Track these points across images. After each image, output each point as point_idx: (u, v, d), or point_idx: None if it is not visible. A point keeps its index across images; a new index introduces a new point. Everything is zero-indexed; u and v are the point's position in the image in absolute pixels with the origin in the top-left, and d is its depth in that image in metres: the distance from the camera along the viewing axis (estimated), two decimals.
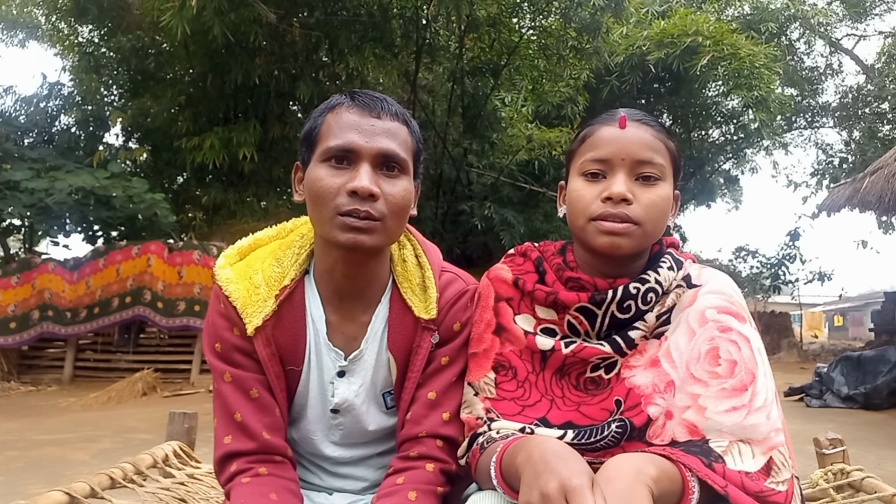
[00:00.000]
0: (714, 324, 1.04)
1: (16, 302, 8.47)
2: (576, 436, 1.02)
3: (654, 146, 1.06)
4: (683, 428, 0.98)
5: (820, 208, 8.03)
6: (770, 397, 0.99)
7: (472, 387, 1.13)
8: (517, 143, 10.99)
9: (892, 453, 4.67)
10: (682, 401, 1.00)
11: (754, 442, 0.94)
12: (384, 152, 1.05)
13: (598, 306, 1.06)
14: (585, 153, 1.08)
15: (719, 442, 0.95)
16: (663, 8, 12.18)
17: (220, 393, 1.12)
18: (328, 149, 1.05)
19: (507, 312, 1.13)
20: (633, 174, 1.05)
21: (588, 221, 1.05)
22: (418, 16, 9.61)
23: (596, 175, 1.06)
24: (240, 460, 1.09)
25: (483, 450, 1.03)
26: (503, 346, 1.11)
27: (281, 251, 1.17)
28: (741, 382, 0.99)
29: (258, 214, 9.32)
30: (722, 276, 1.12)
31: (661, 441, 0.99)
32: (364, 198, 1.02)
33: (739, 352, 1.01)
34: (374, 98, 1.09)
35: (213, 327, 1.14)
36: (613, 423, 1.02)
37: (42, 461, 4.33)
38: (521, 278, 1.13)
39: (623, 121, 1.07)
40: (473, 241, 11.49)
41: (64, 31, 11.91)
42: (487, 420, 1.07)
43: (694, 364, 1.02)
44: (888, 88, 14.96)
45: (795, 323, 20.27)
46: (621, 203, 1.03)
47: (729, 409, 0.97)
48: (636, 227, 1.03)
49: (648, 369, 1.05)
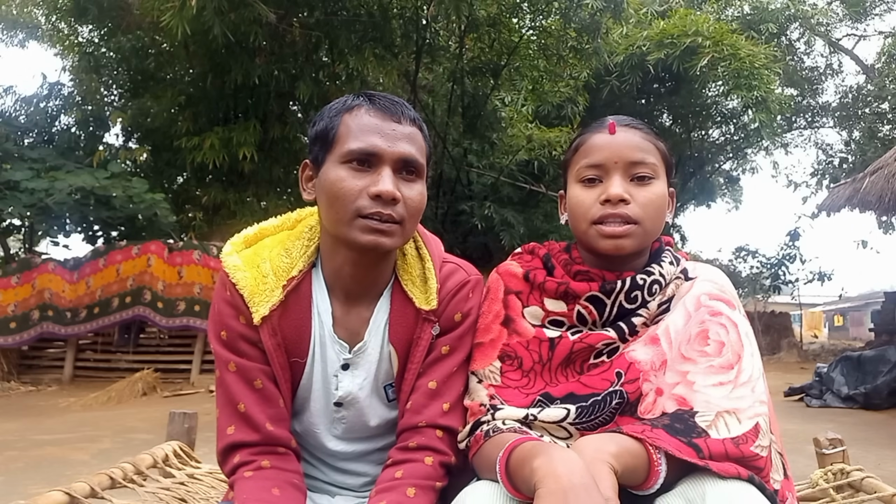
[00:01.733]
0: (706, 308, 1.11)
1: (16, 302, 8.47)
2: (578, 414, 1.05)
3: (644, 147, 1.12)
4: (673, 401, 1.02)
5: (820, 208, 8.02)
6: (755, 374, 1.04)
7: (476, 375, 1.15)
8: (517, 143, 10.99)
9: (892, 453, 4.67)
10: (671, 378, 1.05)
11: (739, 411, 0.98)
12: (405, 157, 1.07)
13: (608, 295, 1.10)
14: (580, 161, 1.14)
15: (705, 416, 0.98)
16: (663, 8, 12.17)
17: (224, 382, 1.12)
18: (350, 151, 1.05)
19: (516, 305, 1.16)
20: (627, 175, 1.10)
21: (590, 225, 1.10)
22: (418, 16, 9.61)
23: (593, 180, 1.12)
24: (243, 452, 1.09)
25: (487, 437, 1.04)
26: (510, 337, 1.14)
27: (290, 242, 1.17)
28: (728, 361, 1.04)
29: (258, 214, 9.30)
30: (714, 269, 1.20)
31: (651, 415, 1.02)
32: (387, 201, 1.04)
33: (728, 334, 1.07)
34: (393, 102, 1.10)
35: (218, 315, 1.13)
36: (614, 397, 1.05)
37: (42, 461, 4.33)
38: (531, 272, 1.16)
39: (612, 127, 1.12)
40: (473, 241, 11.49)
41: (64, 31, 11.90)
42: (491, 407, 1.08)
43: (685, 345, 1.08)
44: (888, 88, 14.95)
45: (795, 323, 20.29)
46: (619, 204, 1.08)
47: (716, 384, 1.02)
48: (636, 227, 1.08)
49: (648, 345, 1.09)
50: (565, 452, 0.86)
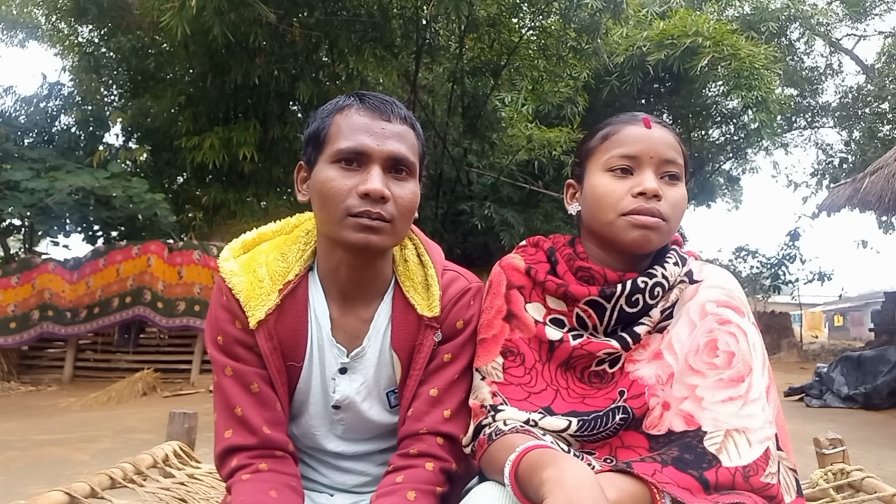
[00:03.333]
0: (713, 317, 1.06)
1: (16, 302, 8.47)
2: (580, 427, 1.03)
3: (676, 147, 1.11)
4: (680, 418, 0.99)
5: (820, 208, 8.03)
6: (764, 391, 1.01)
7: (479, 372, 1.14)
8: (517, 143, 10.99)
9: (892, 453, 4.67)
10: (679, 392, 1.02)
11: (750, 431, 0.96)
12: (394, 155, 1.06)
13: (608, 300, 1.08)
14: (611, 150, 1.10)
15: (714, 437, 0.95)
16: (663, 8, 12.17)
17: (221, 387, 1.12)
18: (339, 150, 1.06)
19: (518, 300, 1.14)
20: (658, 172, 1.08)
21: (619, 216, 1.07)
22: (418, 16, 9.60)
23: (625, 171, 1.08)
24: (240, 455, 1.09)
25: (491, 441, 1.03)
26: (513, 332, 1.12)
27: (286, 246, 1.17)
28: (738, 374, 1.00)
29: (258, 214, 9.31)
30: (723, 272, 1.15)
31: (657, 431, 1.01)
32: (376, 200, 1.03)
33: (738, 344, 1.03)
34: (383, 101, 1.10)
35: (215, 320, 1.14)
36: (618, 413, 1.03)
37: (42, 461, 4.33)
38: (533, 268, 1.15)
39: (647, 121, 1.10)
40: (473, 241, 11.49)
41: (64, 31, 11.88)
42: (492, 408, 1.07)
43: (692, 356, 1.04)
44: (888, 88, 14.96)
45: (795, 323, 20.27)
46: (653, 198, 1.05)
47: (725, 400, 0.98)
48: (664, 224, 1.06)
49: (652, 362, 1.06)
50: (575, 463, 0.85)
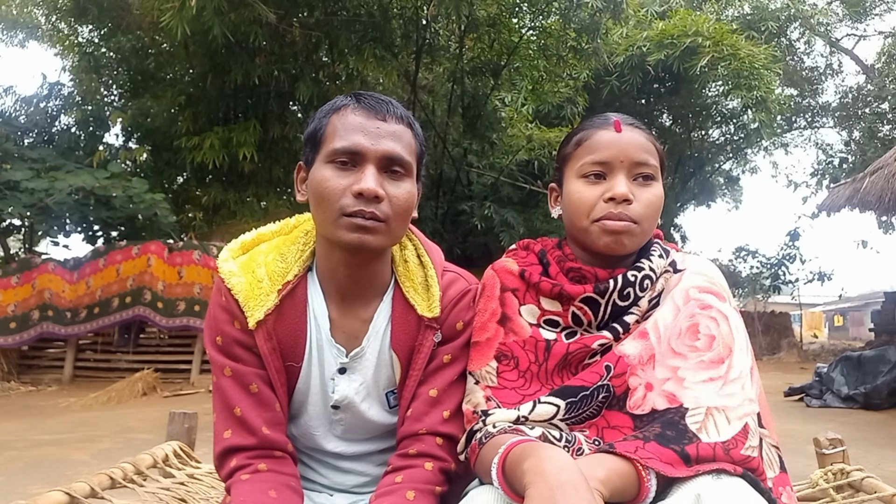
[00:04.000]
0: (695, 302, 1.10)
1: (16, 302, 8.47)
2: (567, 410, 1.05)
3: (647, 148, 1.12)
4: (663, 398, 1.02)
5: (820, 208, 8.03)
6: (745, 370, 1.04)
7: (473, 376, 1.14)
8: (517, 143, 11.00)
9: (892, 453, 4.67)
10: (662, 373, 1.04)
11: (729, 409, 0.98)
12: (389, 155, 1.06)
13: (602, 295, 1.10)
14: (583, 156, 1.12)
15: (695, 414, 0.98)
16: (663, 9, 12.18)
17: (220, 387, 1.12)
18: (334, 150, 1.06)
19: (512, 303, 1.15)
20: (630, 175, 1.10)
21: (591, 223, 1.10)
22: (418, 16, 9.61)
23: (598, 176, 1.11)
24: (240, 455, 1.09)
25: (482, 445, 1.04)
26: (507, 336, 1.13)
27: (285, 247, 1.18)
28: (718, 356, 1.04)
29: (258, 214, 9.31)
30: (704, 260, 1.19)
31: (641, 411, 1.03)
32: (369, 199, 1.03)
33: (718, 327, 1.07)
34: (379, 100, 1.10)
35: (214, 321, 1.14)
36: (601, 391, 1.06)
37: (42, 461, 4.32)
38: (526, 270, 1.16)
39: (618, 125, 1.12)
40: (473, 241, 11.50)
41: (64, 31, 11.89)
42: (482, 413, 1.08)
43: (675, 339, 1.07)
44: (888, 88, 14.95)
45: (795, 323, 20.29)
46: (623, 203, 1.08)
47: (706, 380, 1.02)
48: (636, 226, 1.09)
49: (637, 339, 1.09)
50: (554, 451, 0.86)
